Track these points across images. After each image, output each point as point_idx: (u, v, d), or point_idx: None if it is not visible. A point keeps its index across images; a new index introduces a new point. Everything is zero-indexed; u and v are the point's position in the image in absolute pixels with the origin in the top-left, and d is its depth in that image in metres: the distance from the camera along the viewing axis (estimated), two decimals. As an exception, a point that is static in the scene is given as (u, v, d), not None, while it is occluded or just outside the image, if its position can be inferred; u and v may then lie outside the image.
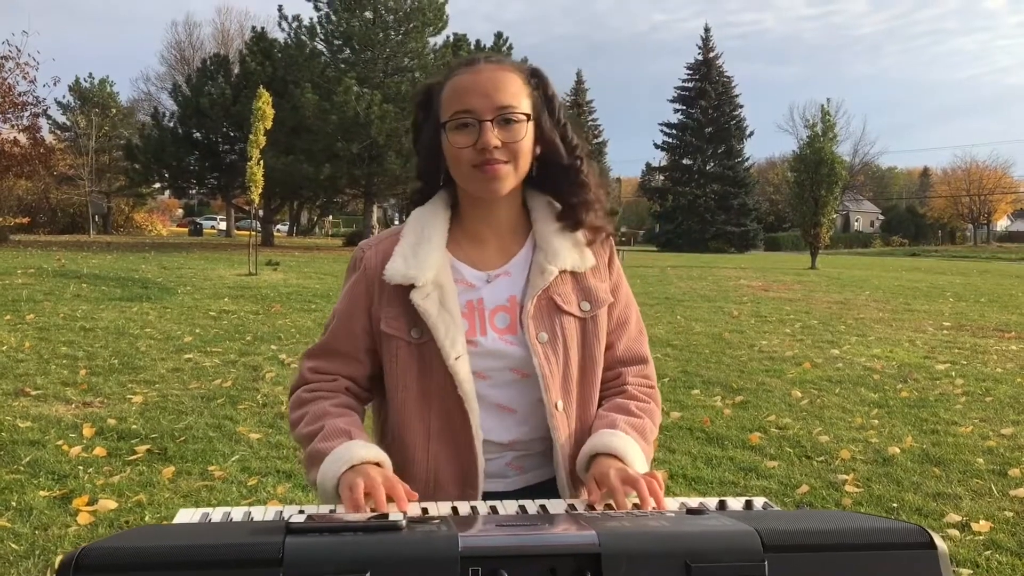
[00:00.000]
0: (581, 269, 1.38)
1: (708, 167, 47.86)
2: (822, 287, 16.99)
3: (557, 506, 1.17)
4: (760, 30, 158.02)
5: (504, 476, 1.37)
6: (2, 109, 26.65)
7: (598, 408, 1.40)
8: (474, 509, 1.14)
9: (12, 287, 11.37)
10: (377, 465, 1.20)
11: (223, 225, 45.66)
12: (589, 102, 55.52)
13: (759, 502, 1.09)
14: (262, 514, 1.07)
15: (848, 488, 3.99)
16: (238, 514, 1.07)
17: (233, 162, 30.56)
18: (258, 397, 5.62)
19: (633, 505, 1.14)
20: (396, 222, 9.05)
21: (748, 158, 49.31)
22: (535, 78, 1.36)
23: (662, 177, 51.07)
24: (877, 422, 5.32)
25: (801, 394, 6.10)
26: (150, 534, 0.91)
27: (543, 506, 1.15)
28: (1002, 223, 76.88)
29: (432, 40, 28.73)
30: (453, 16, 41.92)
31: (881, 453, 4.60)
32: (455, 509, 1.12)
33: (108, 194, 39.97)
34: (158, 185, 37.46)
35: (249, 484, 3.87)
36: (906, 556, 0.86)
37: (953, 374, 7.01)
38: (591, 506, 1.16)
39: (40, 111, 28.60)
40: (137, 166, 31.93)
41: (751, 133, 48.59)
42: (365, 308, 1.36)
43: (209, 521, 1.05)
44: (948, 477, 4.19)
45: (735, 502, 1.09)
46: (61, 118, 41.06)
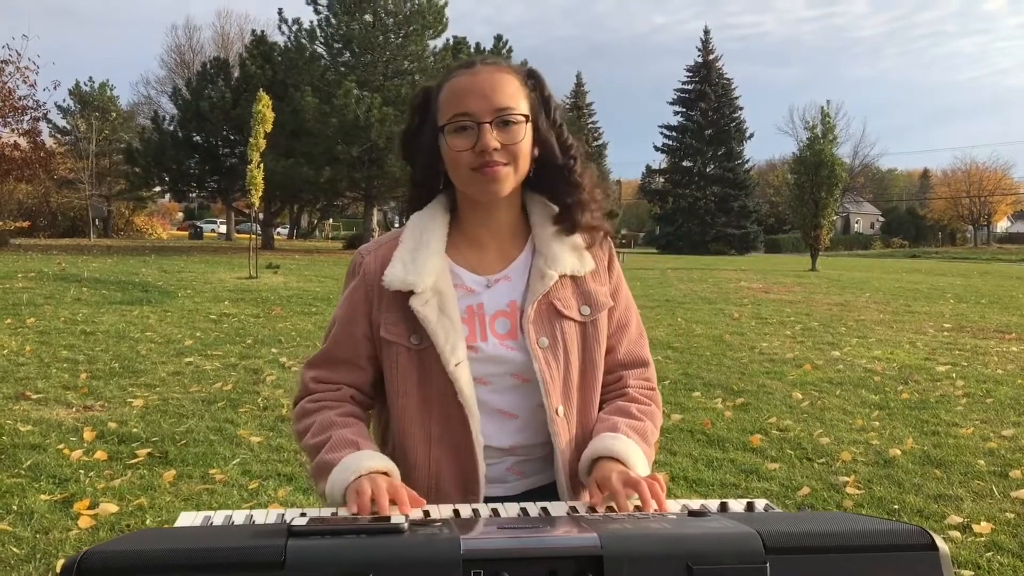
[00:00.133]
0: (581, 273, 1.38)
1: (708, 169, 47.82)
2: (822, 289, 16.98)
3: (559, 509, 1.17)
4: (760, 32, 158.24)
5: (505, 481, 1.37)
6: (2, 113, 26.66)
7: (599, 411, 1.40)
8: (476, 512, 1.13)
9: (13, 291, 11.38)
10: (385, 475, 1.20)
11: (223, 228, 45.66)
12: (589, 104, 55.48)
13: (760, 504, 1.09)
14: (264, 517, 1.07)
15: (849, 490, 3.99)
16: (240, 517, 1.07)
17: (233, 165, 30.55)
18: (259, 400, 5.62)
19: (635, 507, 1.14)
20: (396, 225, 9.05)
21: (748, 160, 49.35)
22: (532, 79, 1.36)
23: (662, 179, 51.01)
24: (878, 424, 5.32)
25: (802, 396, 6.09)
26: (152, 537, 0.91)
27: (545, 509, 1.14)
28: (1002, 224, 76.92)
29: (432, 43, 28.72)
30: (453, 19, 41.97)
31: (882, 455, 4.59)
32: (457, 512, 1.12)
33: (108, 198, 39.92)
34: (158, 189, 37.50)
35: (250, 487, 3.87)
36: (907, 558, 0.87)
37: (954, 375, 7.00)
38: (593, 508, 1.16)
39: (40, 115, 28.63)
40: (137, 170, 31.88)
41: (751, 135, 48.61)
42: (365, 314, 1.35)
43: (211, 524, 1.05)
44: (949, 479, 4.18)
45: (736, 504, 1.09)
46: (61, 122, 41.09)
